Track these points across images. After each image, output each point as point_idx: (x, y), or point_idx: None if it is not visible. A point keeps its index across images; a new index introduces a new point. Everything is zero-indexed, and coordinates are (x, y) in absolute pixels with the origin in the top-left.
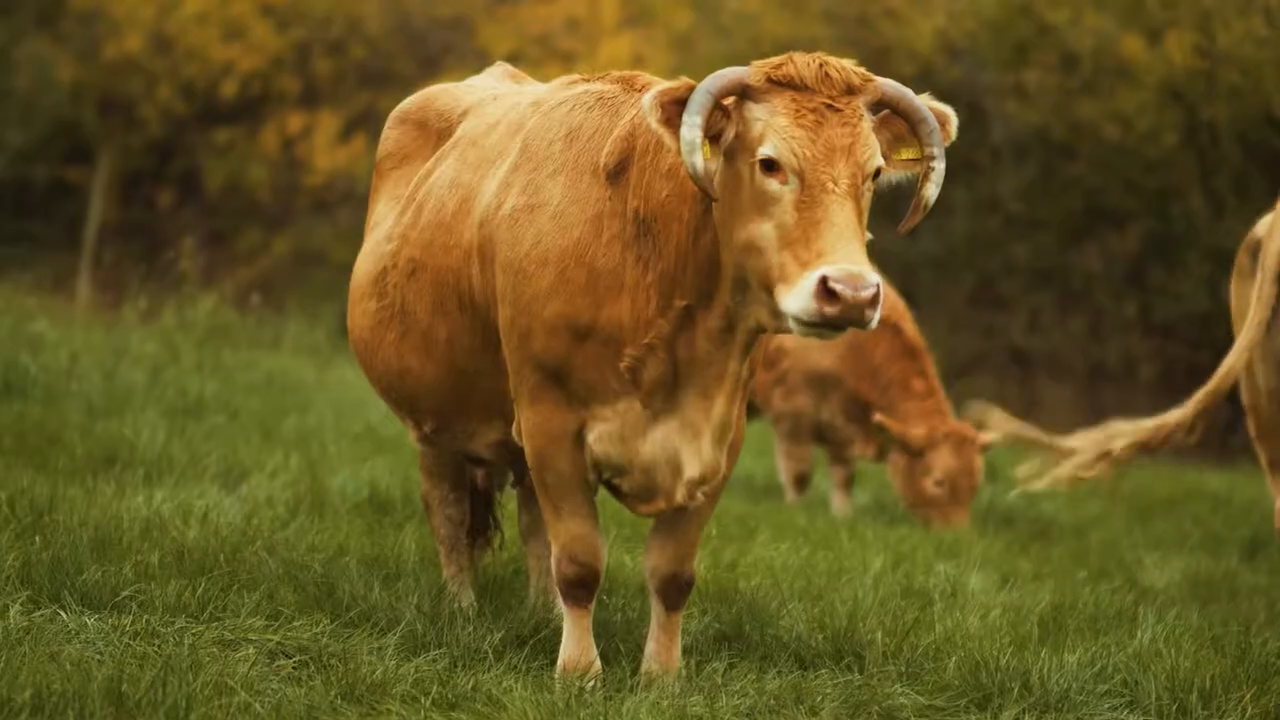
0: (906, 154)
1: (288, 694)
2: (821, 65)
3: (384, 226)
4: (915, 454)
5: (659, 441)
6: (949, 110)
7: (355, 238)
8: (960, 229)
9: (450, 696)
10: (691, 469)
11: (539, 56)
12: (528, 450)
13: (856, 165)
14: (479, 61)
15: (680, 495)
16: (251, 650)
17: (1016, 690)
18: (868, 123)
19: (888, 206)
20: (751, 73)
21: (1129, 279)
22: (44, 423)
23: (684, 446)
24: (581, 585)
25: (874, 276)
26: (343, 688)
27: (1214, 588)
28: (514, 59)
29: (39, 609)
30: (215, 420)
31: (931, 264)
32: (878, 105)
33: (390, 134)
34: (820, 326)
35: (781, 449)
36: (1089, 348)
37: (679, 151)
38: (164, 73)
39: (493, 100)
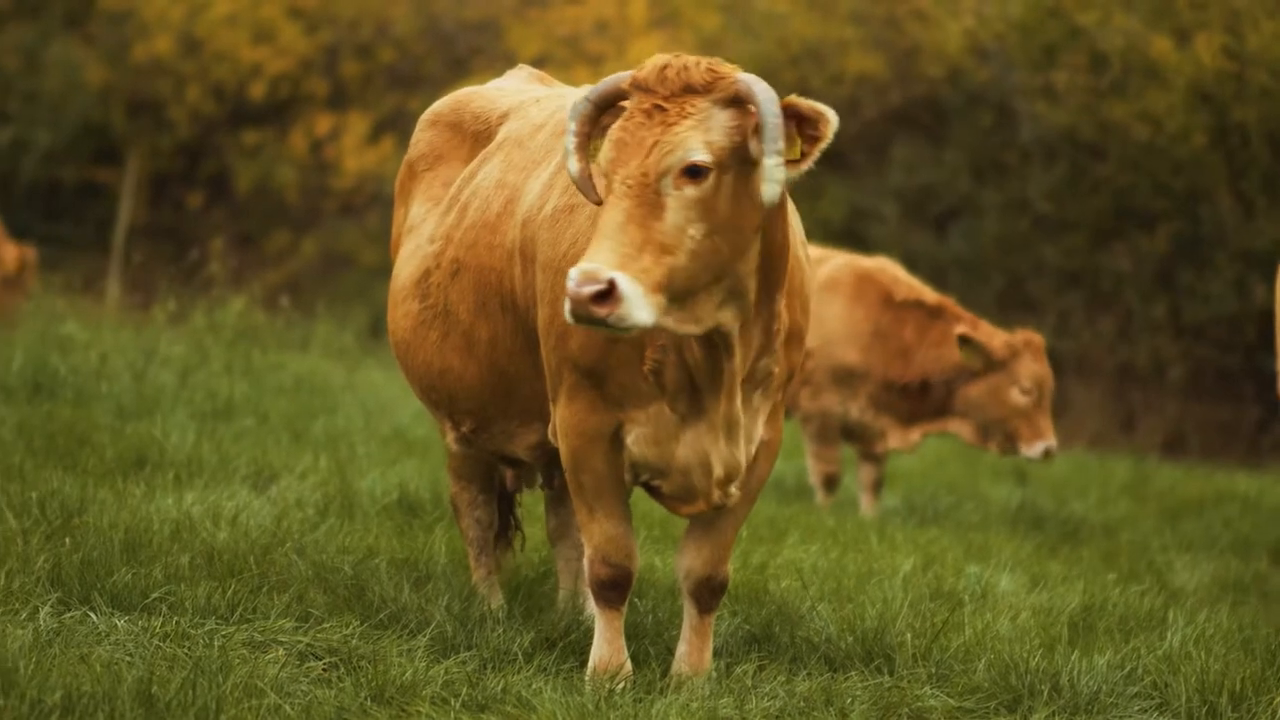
0: (788, 152)
1: (317, 696)
2: (664, 67)
3: (425, 228)
4: (999, 365)
5: (689, 443)
6: (824, 110)
7: (384, 239)
8: (989, 230)
9: (480, 698)
10: (717, 469)
11: (567, 58)
12: (563, 450)
13: (650, 164)
14: (507, 64)
15: (716, 495)
16: (281, 652)
17: (1046, 692)
18: (693, 121)
19: (918, 210)
20: (626, 79)
21: (1158, 280)
22: (74, 424)
23: (710, 448)
24: (614, 587)
25: (606, 273)
26: (372, 689)
27: (1244, 590)
28: (542, 61)
29: (69, 610)
30: (245, 422)
31: (961, 265)
32: (738, 101)
33: (423, 136)
34: (578, 324)
35: (810, 450)
36: (1118, 349)
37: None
38: (193, 74)
39: (535, 103)
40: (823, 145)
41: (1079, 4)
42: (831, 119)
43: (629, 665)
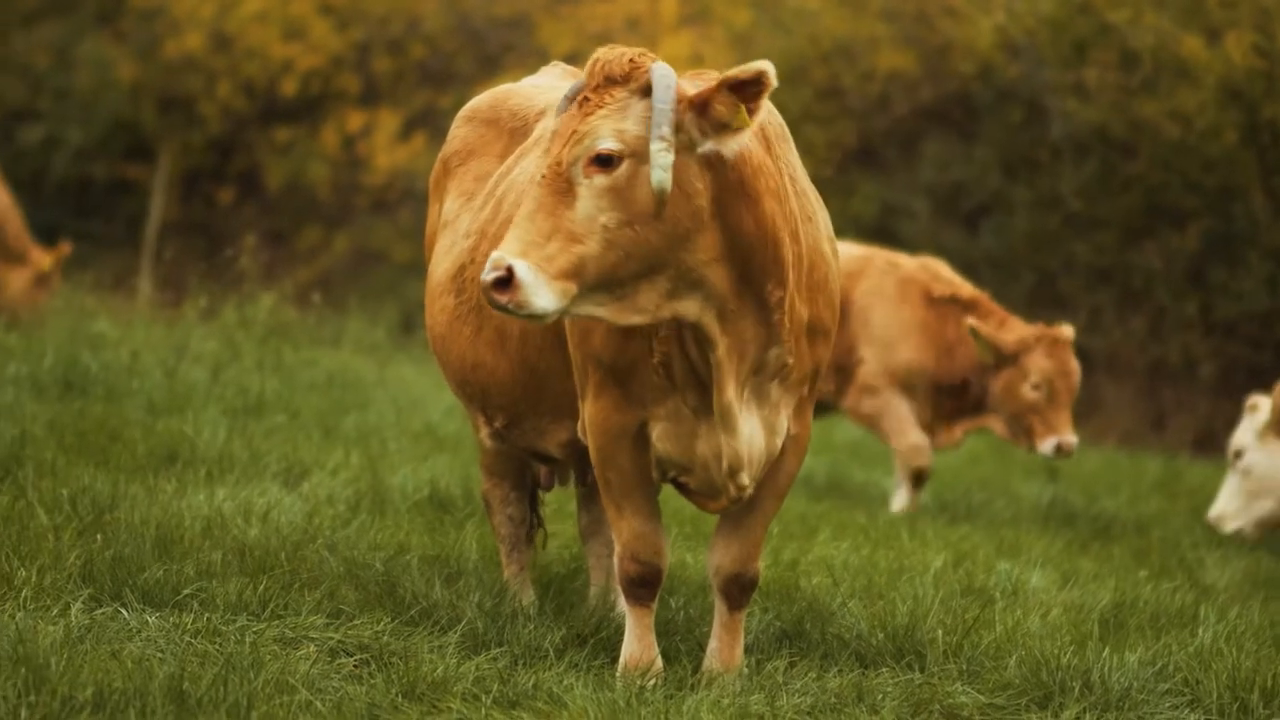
0: (734, 120)
1: (349, 692)
2: (595, 59)
3: (460, 223)
4: (1009, 360)
5: (706, 437)
6: (758, 66)
7: (416, 236)
8: (1020, 227)
9: (511, 694)
10: (722, 461)
11: None
12: (591, 447)
13: (564, 152)
14: (539, 60)
15: (732, 489)
16: (313, 648)
17: (1077, 689)
18: (607, 110)
19: (949, 206)
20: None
21: (1189, 278)
22: (105, 421)
23: (721, 437)
24: (644, 584)
25: (506, 260)
26: (404, 686)
27: (1275, 586)
28: (573, 57)
29: (101, 607)
30: (276, 418)
31: (991, 262)
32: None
33: (458, 132)
34: (496, 310)
35: (893, 448)
36: (1149, 346)
37: None
38: (224, 71)
39: None
40: (766, 96)
41: (1109, 2)
42: (766, 68)
43: (660, 662)
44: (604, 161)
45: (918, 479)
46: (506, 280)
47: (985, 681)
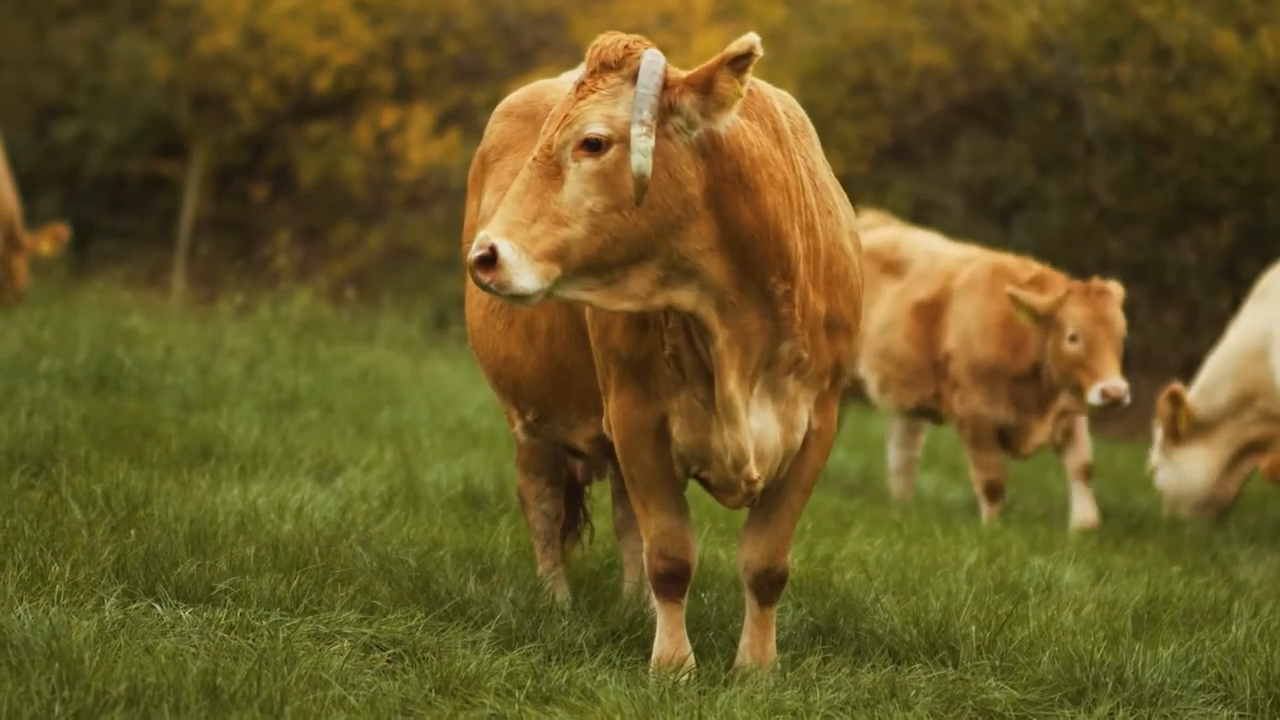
0: (732, 91)
1: (382, 687)
2: (595, 44)
3: None
4: (1047, 320)
5: (717, 431)
6: (745, 39)
7: (449, 232)
8: (1054, 223)
9: (544, 690)
10: (725, 457)
11: None
12: (615, 444)
13: (555, 136)
14: (572, 56)
15: (744, 485)
16: (346, 644)
17: (1111, 685)
18: (599, 95)
19: (982, 202)
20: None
21: (1223, 273)
22: (139, 416)
23: (725, 430)
24: (672, 580)
25: (491, 239)
26: (437, 681)
27: None
28: None
29: (134, 602)
30: (310, 414)
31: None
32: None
33: (495, 127)
34: (484, 292)
35: (969, 458)
36: (1182, 342)
37: None
38: (257, 67)
39: None
40: (751, 65)
41: None
42: (753, 39)
43: (692, 658)
44: (592, 146)
45: (991, 493)
46: (490, 259)
47: (1018, 677)
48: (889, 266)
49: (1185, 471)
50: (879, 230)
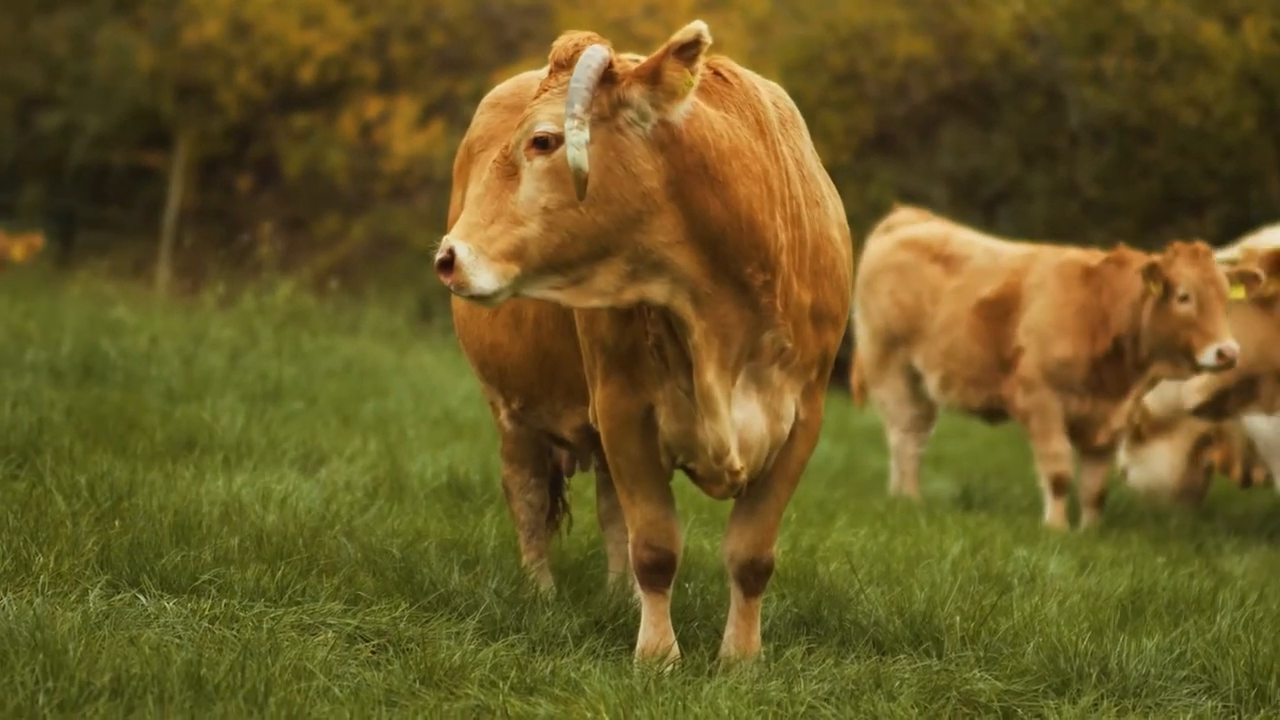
0: (682, 83)
1: (366, 678)
2: (553, 47)
3: None
4: (1157, 279)
5: (699, 420)
6: (691, 27)
7: (434, 223)
8: (1038, 214)
9: (528, 681)
10: (707, 448)
11: (617, 42)
12: (601, 433)
13: (511, 137)
14: None
15: (727, 475)
16: (330, 634)
17: (1095, 675)
18: (550, 94)
19: (967, 194)
20: None
21: None
22: (123, 407)
23: (705, 421)
24: (657, 570)
25: (450, 242)
26: (421, 672)
27: None
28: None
29: (118, 593)
30: (294, 405)
31: None
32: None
33: (481, 118)
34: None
35: (1035, 451)
36: None
37: None
38: (242, 58)
39: None
40: (700, 53)
41: None
42: (700, 26)
43: (676, 648)
44: (541, 144)
45: (1058, 486)
46: (449, 262)
47: (1003, 668)
48: (940, 259)
49: (1153, 469)
50: (923, 224)
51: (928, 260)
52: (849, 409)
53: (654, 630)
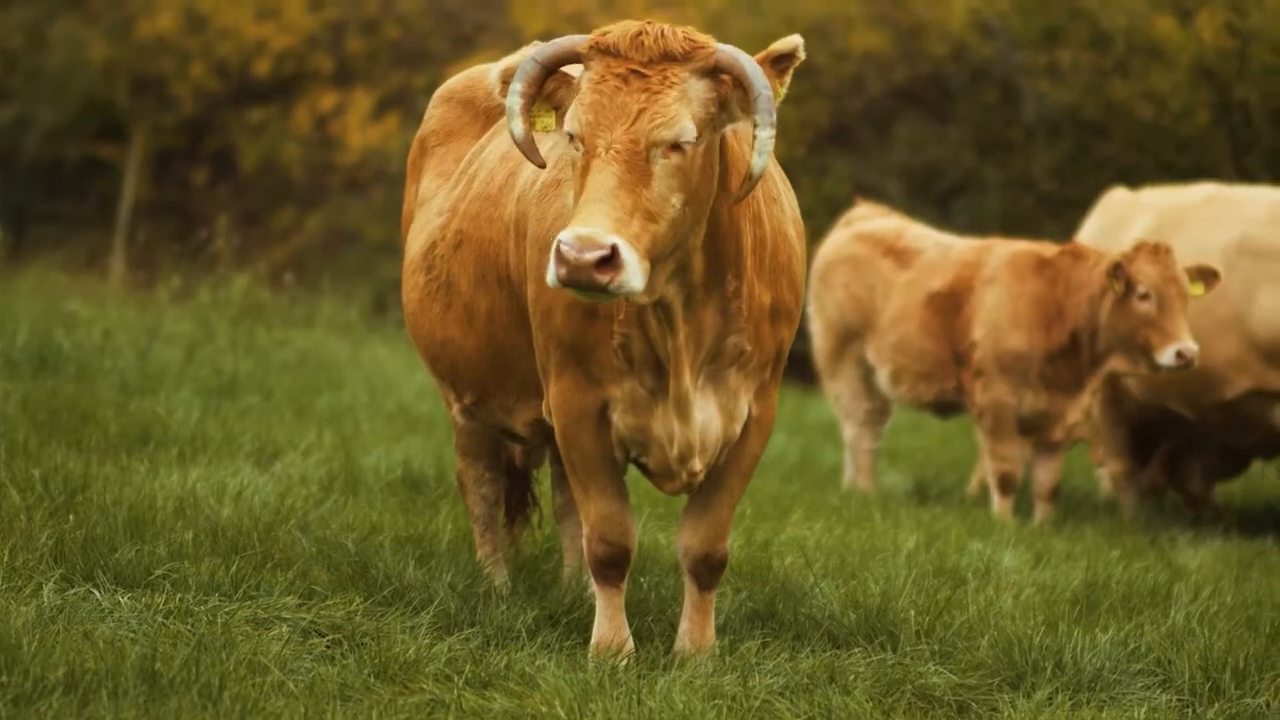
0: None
1: (321, 673)
2: (638, 33)
3: (435, 202)
4: (1119, 277)
5: (661, 419)
6: (790, 40)
7: (388, 216)
8: (993, 207)
9: (483, 675)
10: (671, 447)
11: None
12: (555, 429)
13: (640, 131)
14: (512, 41)
15: (685, 475)
16: (285, 629)
17: (1049, 669)
18: (678, 91)
19: (922, 187)
20: (582, 41)
21: None
22: (77, 400)
23: (675, 424)
24: (612, 564)
25: (607, 239)
26: (376, 666)
27: (1247, 566)
28: (547, 38)
29: (72, 587)
30: (249, 399)
31: None
32: (714, 71)
33: (435, 112)
34: (568, 288)
35: (985, 448)
36: None
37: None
38: (197, 51)
39: None
40: (793, 66)
41: None
42: (797, 41)
43: (631, 642)
44: (677, 146)
45: (1005, 485)
46: (609, 259)
47: (957, 662)
48: (893, 253)
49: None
50: (880, 220)
51: (881, 254)
52: (804, 403)
53: (609, 624)
